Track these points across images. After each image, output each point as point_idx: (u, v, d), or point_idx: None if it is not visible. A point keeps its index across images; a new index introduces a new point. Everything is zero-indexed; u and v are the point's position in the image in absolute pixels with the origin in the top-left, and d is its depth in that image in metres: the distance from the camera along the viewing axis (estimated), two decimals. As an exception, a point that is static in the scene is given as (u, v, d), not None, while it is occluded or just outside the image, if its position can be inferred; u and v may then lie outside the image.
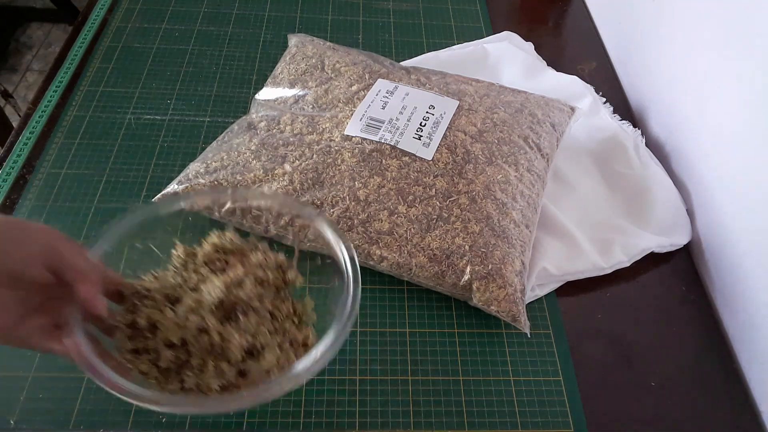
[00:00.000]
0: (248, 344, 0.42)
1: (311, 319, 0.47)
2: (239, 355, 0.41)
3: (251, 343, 0.42)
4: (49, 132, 0.68)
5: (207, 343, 0.41)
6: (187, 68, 0.76)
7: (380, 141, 0.60)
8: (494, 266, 0.53)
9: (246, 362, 0.42)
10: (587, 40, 0.88)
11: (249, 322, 0.42)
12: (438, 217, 0.56)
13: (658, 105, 0.73)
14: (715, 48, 0.61)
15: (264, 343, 0.42)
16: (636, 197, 0.65)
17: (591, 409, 0.51)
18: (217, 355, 0.42)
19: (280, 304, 0.45)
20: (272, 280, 0.46)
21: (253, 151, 0.59)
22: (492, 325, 0.56)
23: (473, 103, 0.64)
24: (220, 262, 0.47)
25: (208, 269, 0.46)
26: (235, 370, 0.42)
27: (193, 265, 0.47)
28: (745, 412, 0.53)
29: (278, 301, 0.46)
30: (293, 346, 0.44)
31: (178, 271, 0.46)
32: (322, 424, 0.49)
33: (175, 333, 0.42)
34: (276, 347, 0.43)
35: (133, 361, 0.42)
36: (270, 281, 0.46)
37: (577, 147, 0.69)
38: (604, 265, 0.59)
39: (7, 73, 1.85)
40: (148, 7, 0.84)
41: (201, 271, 0.46)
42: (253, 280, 0.45)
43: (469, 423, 0.50)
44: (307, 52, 0.71)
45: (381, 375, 0.52)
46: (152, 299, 0.44)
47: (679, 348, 0.56)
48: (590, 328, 0.57)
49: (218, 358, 0.42)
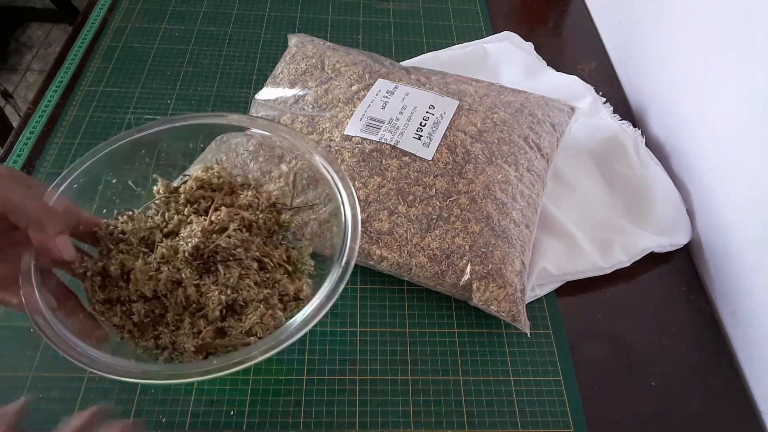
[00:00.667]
0: (228, 299, 0.37)
1: (307, 267, 0.42)
2: (217, 312, 0.37)
3: (232, 298, 0.37)
4: (49, 132, 0.68)
5: (182, 297, 0.37)
6: (187, 68, 0.76)
7: (380, 141, 0.60)
8: (494, 266, 0.53)
9: (226, 320, 0.37)
10: (587, 40, 0.88)
11: (230, 274, 0.37)
12: (438, 217, 0.56)
13: (658, 105, 0.73)
14: (715, 48, 0.61)
15: (247, 299, 0.37)
16: (636, 197, 0.65)
17: (591, 409, 0.51)
18: (194, 311, 0.37)
19: (271, 250, 0.40)
20: (262, 223, 0.41)
21: (251, 152, 0.59)
22: (492, 325, 0.56)
23: (473, 103, 0.64)
24: (204, 201, 0.41)
25: (192, 208, 0.41)
26: (213, 328, 0.37)
27: (174, 204, 0.41)
28: (745, 412, 0.53)
29: (269, 246, 0.40)
30: (283, 301, 0.40)
31: (158, 210, 0.41)
32: (322, 424, 0.49)
33: (147, 284, 0.37)
34: (261, 303, 0.38)
35: (105, 313, 0.38)
36: (260, 224, 0.41)
37: (577, 147, 0.69)
38: (604, 265, 0.59)
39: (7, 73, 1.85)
40: (148, 7, 0.84)
41: (184, 211, 0.41)
42: (239, 223, 0.39)
43: (469, 423, 0.50)
44: (307, 52, 0.71)
45: (381, 375, 0.52)
46: (127, 243, 0.39)
47: (679, 348, 0.56)
48: (590, 328, 0.57)
49: (195, 315, 0.37)
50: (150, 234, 0.39)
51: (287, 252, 0.41)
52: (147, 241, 0.39)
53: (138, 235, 0.39)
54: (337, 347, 0.53)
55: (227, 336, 0.37)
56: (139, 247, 0.39)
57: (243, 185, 0.43)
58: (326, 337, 0.54)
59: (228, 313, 0.37)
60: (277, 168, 0.58)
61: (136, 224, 0.40)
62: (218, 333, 0.37)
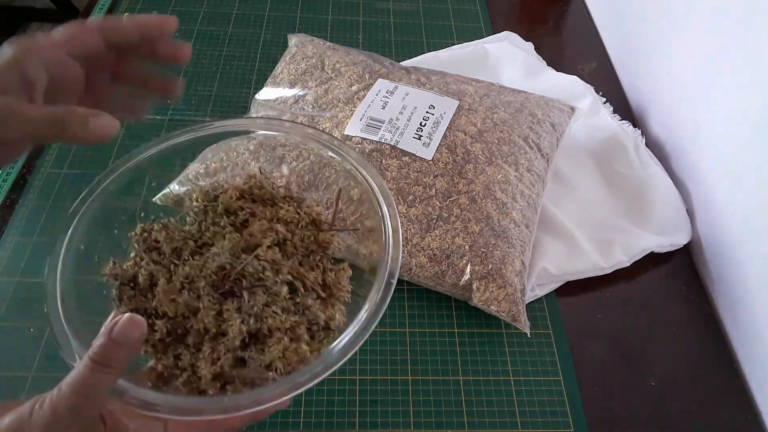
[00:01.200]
0: (250, 329, 0.35)
1: (344, 293, 0.38)
2: (237, 342, 0.34)
3: (254, 327, 0.35)
4: (49, 132, 0.67)
5: (201, 324, 0.35)
6: (187, 68, 0.76)
7: (380, 141, 0.60)
8: (494, 266, 0.53)
9: (249, 348, 0.35)
10: (587, 40, 0.88)
11: (254, 302, 0.35)
12: (438, 217, 0.56)
13: (658, 105, 0.73)
14: (715, 47, 0.61)
15: (271, 327, 0.35)
16: (636, 197, 0.65)
17: (591, 409, 0.51)
18: (214, 335, 0.35)
19: (306, 272, 0.37)
20: (299, 241, 0.38)
21: (252, 152, 0.59)
22: (492, 325, 0.56)
23: (473, 103, 0.64)
24: (243, 213, 0.39)
25: (229, 220, 0.38)
26: (232, 357, 0.35)
27: (212, 214, 0.39)
28: (745, 412, 0.53)
29: (305, 267, 0.37)
30: (311, 330, 0.36)
31: (196, 218, 0.39)
32: (322, 424, 0.49)
33: (168, 304, 0.35)
34: (286, 334, 0.35)
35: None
36: (296, 243, 0.38)
37: (577, 147, 0.69)
38: (604, 265, 0.59)
39: (7, 73, 1.85)
40: (148, 7, 0.84)
41: (221, 222, 0.38)
42: (272, 241, 0.36)
43: (469, 423, 0.50)
44: (307, 52, 0.71)
45: (381, 375, 0.52)
46: (160, 252, 0.37)
47: (679, 348, 0.56)
48: (590, 328, 0.57)
49: (215, 340, 0.35)
50: (184, 244, 0.37)
51: (323, 275, 0.38)
52: (179, 252, 0.37)
53: (171, 245, 0.37)
54: (337, 347, 0.53)
55: (247, 366, 0.35)
56: (171, 258, 0.37)
57: (285, 198, 0.40)
58: (326, 337, 0.54)
59: (251, 341, 0.35)
60: (277, 168, 0.58)
61: (170, 233, 0.38)
62: (238, 362, 0.35)
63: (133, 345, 0.31)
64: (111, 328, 0.30)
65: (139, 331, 0.31)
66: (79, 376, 0.30)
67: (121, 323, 0.30)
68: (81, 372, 0.30)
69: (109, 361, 0.30)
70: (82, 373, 0.30)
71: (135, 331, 0.31)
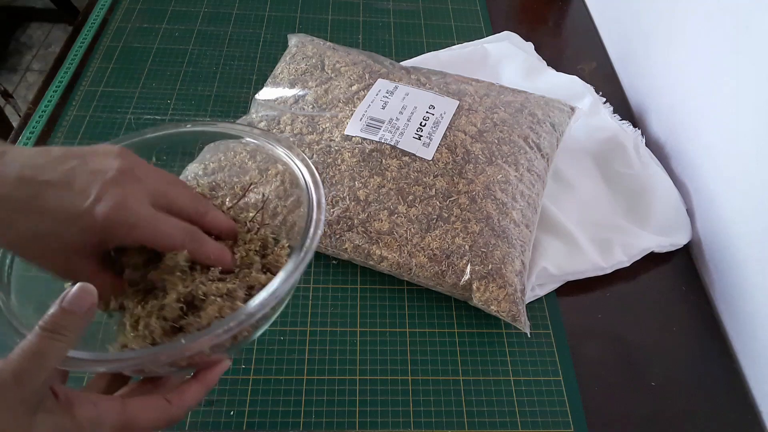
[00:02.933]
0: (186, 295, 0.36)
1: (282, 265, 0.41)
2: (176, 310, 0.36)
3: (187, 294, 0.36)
4: (49, 132, 0.68)
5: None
6: (187, 68, 0.76)
7: (380, 141, 0.60)
8: (494, 266, 0.53)
9: (185, 318, 0.36)
10: (587, 40, 0.88)
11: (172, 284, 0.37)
12: (438, 217, 0.56)
13: (658, 105, 0.73)
14: (715, 47, 0.61)
15: (206, 293, 0.37)
16: (636, 197, 0.65)
17: (591, 409, 0.51)
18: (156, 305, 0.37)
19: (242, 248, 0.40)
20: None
21: (249, 152, 0.59)
22: (492, 325, 0.56)
23: (473, 103, 0.64)
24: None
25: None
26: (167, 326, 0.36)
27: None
28: (745, 412, 0.53)
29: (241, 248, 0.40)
30: (251, 294, 0.38)
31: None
32: (322, 424, 0.49)
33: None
34: (221, 297, 0.37)
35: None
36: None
37: (577, 147, 0.69)
38: (604, 265, 0.59)
39: (7, 73, 1.85)
40: (148, 7, 0.84)
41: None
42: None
43: (469, 423, 0.50)
44: (307, 52, 0.71)
45: (381, 375, 0.52)
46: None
47: (679, 348, 0.56)
48: (590, 328, 0.57)
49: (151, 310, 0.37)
50: None
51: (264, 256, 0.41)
52: None
53: None
54: (337, 347, 0.53)
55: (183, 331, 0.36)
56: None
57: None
58: (326, 337, 0.54)
59: (188, 310, 0.37)
60: (273, 166, 0.58)
61: None
62: (173, 331, 0.37)
63: (85, 314, 0.31)
64: (63, 297, 0.31)
65: (90, 300, 0.31)
66: (28, 343, 0.29)
67: (72, 292, 0.31)
68: (30, 340, 0.30)
69: (59, 328, 0.30)
70: (31, 341, 0.30)
71: (86, 300, 0.31)
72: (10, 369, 0.28)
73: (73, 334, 0.31)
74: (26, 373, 0.29)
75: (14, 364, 0.29)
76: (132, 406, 0.33)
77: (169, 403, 0.34)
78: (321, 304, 0.56)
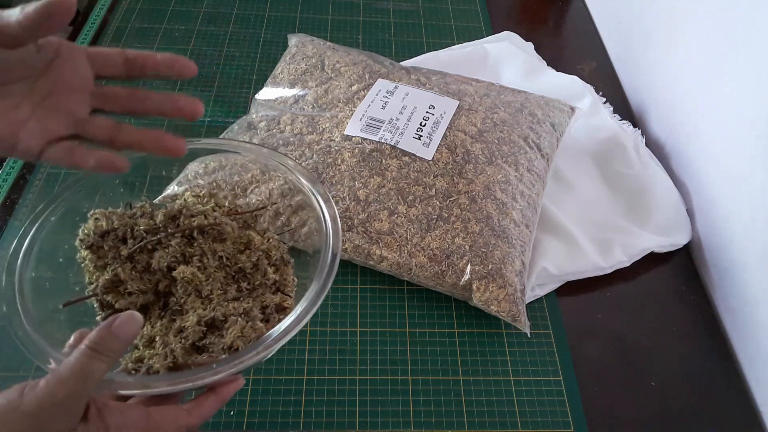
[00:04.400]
0: (207, 319, 0.38)
1: (290, 286, 0.43)
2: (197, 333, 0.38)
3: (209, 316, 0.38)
4: (49, 132, 0.67)
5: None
6: (187, 68, 0.76)
7: (380, 141, 0.60)
8: (494, 266, 0.53)
9: (206, 338, 0.38)
10: (587, 40, 0.88)
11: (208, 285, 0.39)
12: (438, 217, 0.56)
13: (658, 105, 0.73)
14: (715, 47, 0.61)
15: (226, 314, 0.38)
16: (636, 197, 0.65)
17: (591, 409, 0.51)
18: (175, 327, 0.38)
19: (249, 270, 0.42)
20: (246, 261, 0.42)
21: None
22: (492, 325, 0.56)
23: (473, 103, 0.64)
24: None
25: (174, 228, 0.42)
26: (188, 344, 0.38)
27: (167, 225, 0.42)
28: (745, 412, 0.53)
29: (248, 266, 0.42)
30: (265, 313, 0.40)
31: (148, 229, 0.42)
32: (322, 424, 0.49)
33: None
34: (240, 317, 0.39)
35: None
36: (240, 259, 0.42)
37: (577, 147, 0.69)
38: (604, 265, 0.59)
39: (7, 73, 1.85)
40: (148, 7, 0.84)
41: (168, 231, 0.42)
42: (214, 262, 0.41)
43: (469, 423, 0.50)
44: (307, 52, 0.71)
45: (381, 375, 0.52)
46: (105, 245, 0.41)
47: (679, 348, 0.56)
48: (590, 328, 0.57)
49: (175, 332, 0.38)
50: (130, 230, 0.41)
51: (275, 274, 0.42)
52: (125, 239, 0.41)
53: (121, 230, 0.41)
54: (337, 347, 0.53)
55: (206, 353, 0.38)
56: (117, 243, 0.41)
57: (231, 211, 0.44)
58: (326, 337, 0.54)
59: (208, 330, 0.38)
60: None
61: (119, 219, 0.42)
62: (195, 350, 0.38)
63: (129, 339, 0.33)
64: (112, 321, 0.33)
65: (136, 327, 0.33)
66: (78, 362, 0.31)
67: (122, 318, 0.33)
68: (79, 359, 0.31)
69: (105, 350, 0.32)
70: (81, 360, 0.31)
71: (133, 326, 0.33)
72: (64, 387, 0.30)
73: (115, 357, 0.32)
74: (78, 391, 0.30)
75: (67, 382, 0.30)
76: (156, 414, 0.34)
77: (189, 413, 0.35)
78: (321, 304, 0.56)
